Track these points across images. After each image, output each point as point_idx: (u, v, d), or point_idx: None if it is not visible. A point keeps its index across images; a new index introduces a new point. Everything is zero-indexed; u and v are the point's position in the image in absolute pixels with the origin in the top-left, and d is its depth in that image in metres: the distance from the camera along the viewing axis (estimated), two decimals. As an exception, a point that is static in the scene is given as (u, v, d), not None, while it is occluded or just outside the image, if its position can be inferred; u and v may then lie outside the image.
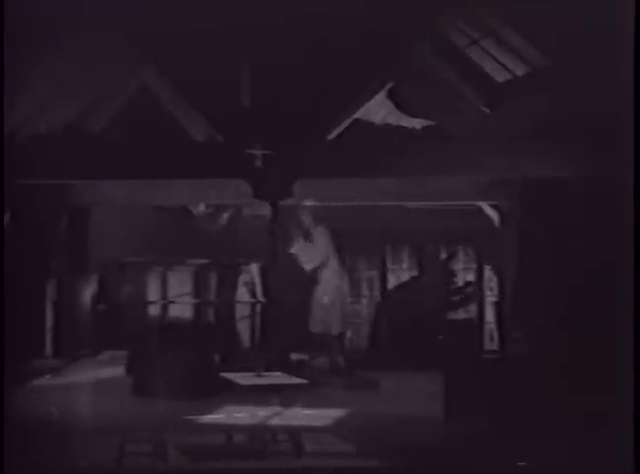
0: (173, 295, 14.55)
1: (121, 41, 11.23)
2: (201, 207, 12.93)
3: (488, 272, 14.49)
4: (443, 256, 15.16)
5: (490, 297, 14.70)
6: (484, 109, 12.06)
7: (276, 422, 9.87)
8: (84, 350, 13.44)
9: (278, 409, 10.36)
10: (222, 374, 11.78)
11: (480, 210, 13.09)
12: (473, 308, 14.52)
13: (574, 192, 10.91)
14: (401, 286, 15.37)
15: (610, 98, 8.63)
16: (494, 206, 12.82)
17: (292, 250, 13.10)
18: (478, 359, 10.28)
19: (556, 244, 11.38)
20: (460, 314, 14.58)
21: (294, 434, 9.04)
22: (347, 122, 12.65)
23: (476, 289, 14.44)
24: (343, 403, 10.61)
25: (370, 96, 12.73)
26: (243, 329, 14.27)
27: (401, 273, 15.64)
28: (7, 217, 10.90)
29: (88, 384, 11.92)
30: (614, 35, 8.34)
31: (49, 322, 13.16)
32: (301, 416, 10.18)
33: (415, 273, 15.39)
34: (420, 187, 12.09)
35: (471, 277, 14.94)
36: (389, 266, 15.60)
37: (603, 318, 9.39)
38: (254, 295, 14.44)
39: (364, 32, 10.91)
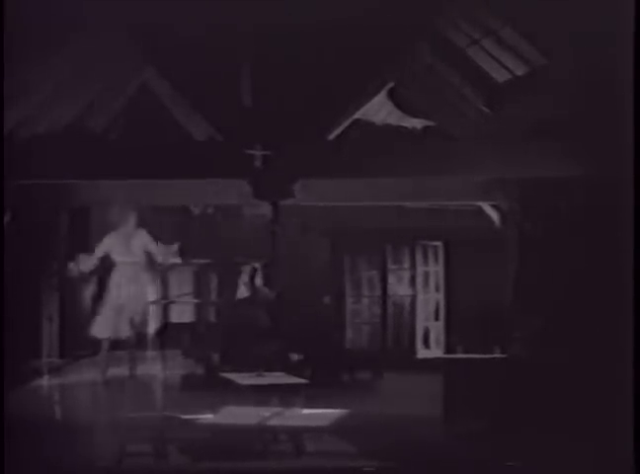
0: (174, 295, 14.56)
1: (122, 42, 11.23)
2: None
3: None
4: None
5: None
6: (484, 108, 12.05)
7: (276, 422, 9.87)
8: (84, 350, 13.43)
9: (278, 409, 10.36)
10: (222, 374, 11.80)
11: (480, 210, 13.08)
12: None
13: (574, 191, 10.91)
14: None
15: (610, 98, 8.63)
16: (494, 206, 12.81)
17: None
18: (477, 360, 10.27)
19: (556, 244, 11.38)
20: None
21: (295, 434, 9.05)
22: (347, 123, 12.66)
23: None
24: (343, 403, 10.62)
25: (371, 96, 12.75)
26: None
27: (401, 272, 15.68)
28: (7, 217, 10.89)
29: (88, 384, 11.94)
30: (614, 35, 8.34)
31: (49, 322, 13.17)
32: (301, 416, 10.19)
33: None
34: (420, 187, 12.08)
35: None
36: (389, 265, 15.62)
37: (603, 318, 9.39)
38: (254, 295, 14.45)
39: (365, 31, 10.91)
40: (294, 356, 12.67)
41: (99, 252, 12.51)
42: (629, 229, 7.82)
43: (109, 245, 12.29)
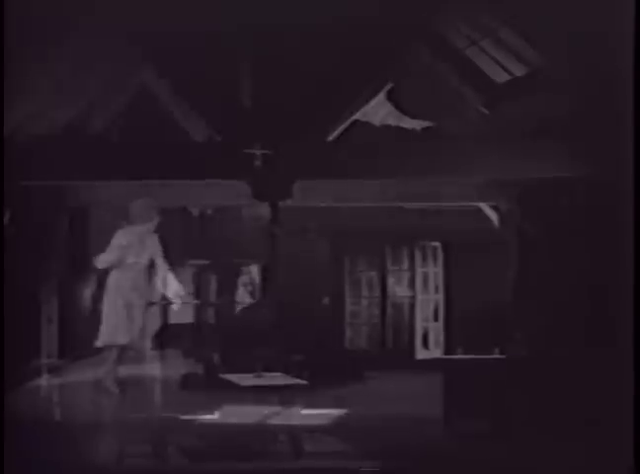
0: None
1: (121, 42, 11.24)
2: None
3: None
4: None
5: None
6: (483, 109, 12.07)
7: (275, 422, 9.87)
8: (83, 350, 13.43)
9: (277, 409, 10.36)
10: (222, 375, 11.80)
11: (479, 211, 13.09)
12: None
13: (573, 192, 10.92)
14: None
15: (610, 98, 8.63)
16: (493, 207, 12.82)
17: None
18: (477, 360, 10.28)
19: (556, 244, 11.39)
20: None
21: (294, 434, 9.05)
22: (346, 123, 12.66)
23: None
24: (342, 403, 10.61)
25: (370, 97, 12.75)
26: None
27: (401, 273, 15.69)
28: (7, 218, 10.90)
29: (87, 384, 11.92)
30: (614, 35, 8.35)
31: (49, 322, 13.16)
32: (301, 416, 10.19)
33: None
34: (419, 187, 12.10)
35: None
36: (389, 266, 15.63)
37: (603, 318, 9.40)
38: (253, 296, 14.47)
39: (364, 32, 10.93)
40: (294, 357, 12.68)
41: (116, 247, 11.84)
42: (629, 229, 7.82)
43: (123, 240, 11.73)
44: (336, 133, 12.49)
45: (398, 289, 15.72)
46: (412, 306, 15.54)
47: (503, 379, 9.58)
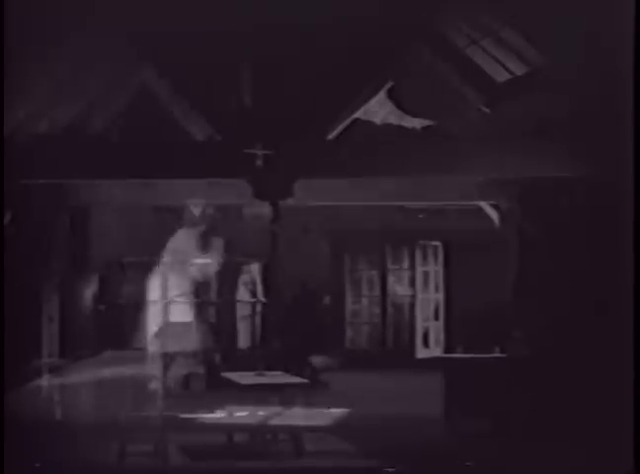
0: (173, 295, 14.56)
1: (121, 42, 11.23)
2: None
3: None
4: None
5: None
6: (484, 108, 12.06)
7: (276, 421, 9.87)
8: (84, 350, 13.44)
9: (278, 409, 10.37)
10: (223, 374, 11.79)
11: (480, 210, 13.09)
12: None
13: (574, 191, 10.91)
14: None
15: (610, 98, 8.63)
16: (494, 206, 12.82)
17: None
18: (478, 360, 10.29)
19: (556, 244, 11.38)
20: None
21: (295, 433, 9.05)
22: (347, 122, 12.66)
23: None
24: (343, 403, 10.63)
25: (370, 96, 12.74)
26: (243, 328, 14.30)
27: (401, 272, 15.71)
28: (7, 217, 10.89)
29: (88, 384, 11.93)
30: (614, 35, 8.34)
31: (50, 322, 13.16)
32: (301, 416, 10.19)
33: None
34: (420, 186, 12.09)
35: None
36: (389, 265, 15.65)
37: (603, 318, 9.40)
38: (254, 295, 14.48)
39: (365, 31, 10.92)
40: (295, 356, 12.69)
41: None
42: (629, 229, 7.82)
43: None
44: (336, 132, 12.48)
45: (399, 288, 15.75)
46: (412, 305, 15.57)
47: (503, 378, 9.60)
